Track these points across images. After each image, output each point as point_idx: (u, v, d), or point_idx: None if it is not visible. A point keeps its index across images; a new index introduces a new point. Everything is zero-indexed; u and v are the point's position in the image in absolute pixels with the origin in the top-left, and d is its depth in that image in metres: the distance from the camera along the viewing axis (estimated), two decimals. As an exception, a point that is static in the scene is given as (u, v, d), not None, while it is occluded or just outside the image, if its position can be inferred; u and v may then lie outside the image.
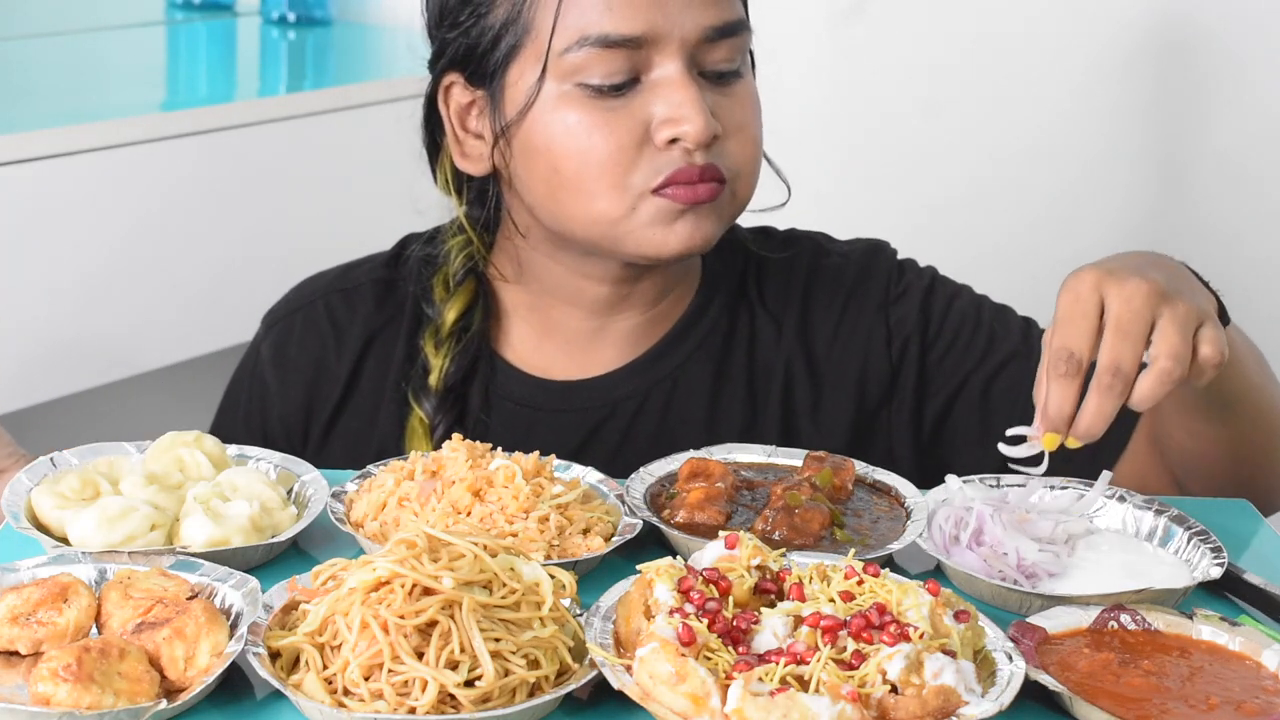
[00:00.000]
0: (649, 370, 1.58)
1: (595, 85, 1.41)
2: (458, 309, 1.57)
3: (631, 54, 1.40)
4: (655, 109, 1.41)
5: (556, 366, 1.59)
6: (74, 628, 1.06)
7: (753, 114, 1.48)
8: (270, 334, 1.64)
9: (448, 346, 1.56)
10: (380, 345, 1.60)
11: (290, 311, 1.64)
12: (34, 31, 3.06)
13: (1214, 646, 1.13)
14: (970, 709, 0.99)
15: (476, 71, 1.48)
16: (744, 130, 1.46)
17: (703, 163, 1.42)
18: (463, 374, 1.56)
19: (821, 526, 1.26)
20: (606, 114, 1.41)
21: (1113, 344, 1.20)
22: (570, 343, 1.58)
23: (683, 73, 1.41)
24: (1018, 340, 1.57)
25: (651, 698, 0.99)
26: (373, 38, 3.29)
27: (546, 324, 1.59)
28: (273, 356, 1.63)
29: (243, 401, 1.64)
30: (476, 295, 1.59)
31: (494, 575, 1.05)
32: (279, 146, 2.71)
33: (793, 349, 1.59)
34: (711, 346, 1.59)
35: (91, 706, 0.98)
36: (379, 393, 1.59)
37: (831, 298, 1.61)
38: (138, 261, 2.52)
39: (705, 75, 1.44)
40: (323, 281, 1.65)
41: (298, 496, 1.32)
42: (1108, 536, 1.30)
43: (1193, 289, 1.27)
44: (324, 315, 1.62)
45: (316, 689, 1.00)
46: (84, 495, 1.26)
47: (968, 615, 1.06)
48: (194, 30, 3.28)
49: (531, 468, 1.27)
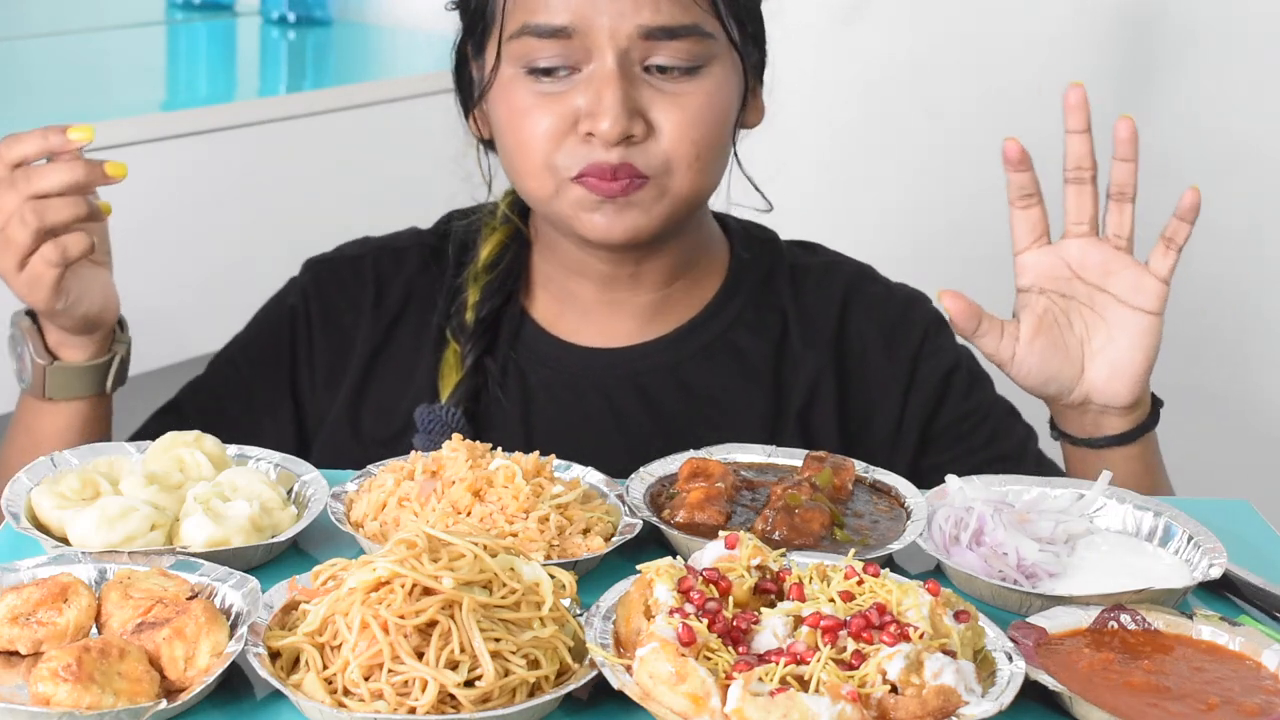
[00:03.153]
0: (672, 349, 1.62)
1: (533, 70, 1.48)
2: (493, 245, 1.65)
3: (566, 44, 1.47)
4: (581, 100, 1.47)
5: (579, 333, 1.64)
6: (74, 628, 1.06)
7: (696, 114, 1.49)
8: (313, 274, 1.70)
9: (482, 280, 1.63)
10: (419, 302, 1.66)
11: (337, 259, 1.71)
12: (34, 31, 3.06)
13: (1214, 646, 1.13)
14: (970, 709, 0.99)
15: (475, 44, 1.56)
16: (680, 129, 1.48)
17: (616, 161, 1.47)
18: (494, 312, 1.63)
19: (821, 526, 1.26)
20: (543, 99, 1.48)
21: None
22: (588, 313, 1.64)
23: (610, 69, 1.46)
24: (1014, 446, 1.65)
25: (651, 698, 0.99)
26: (373, 38, 3.28)
27: (564, 293, 1.64)
28: (316, 293, 1.68)
29: (270, 330, 1.69)
30: (512, 239, 1.65)
31: (494, 575, 1.05)
32: (279, 146, 2.70)
33: (823, 367, 1.63)
34: (737, 336, 1.63)
35: (91, 706, 0.98)
36: (417, 347, 1.64)
37: (870, 323, 1.65)
38: (137, 261, 2.51)
39: (651, 70, 1.48)
40: (372, 243, 1.72)
41: (298, 496, 1.32)
42: (1108, 536, 1.30)
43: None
44: (370, 268, 1.69)
45: (316, 689, 1.00)
46: (84, 495, 1.26)
47: (968, 615, 1.06)
48: (194, 30, 3.28)
49: (531, 468, 1.27)
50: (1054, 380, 1.50)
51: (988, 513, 1.27)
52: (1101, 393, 1.49)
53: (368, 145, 2.72)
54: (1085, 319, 1.49)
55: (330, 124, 2.74)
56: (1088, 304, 1.49)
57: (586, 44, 1.46)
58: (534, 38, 1.47)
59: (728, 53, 1.52)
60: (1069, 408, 1.52)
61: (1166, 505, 1.33)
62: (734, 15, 1.52)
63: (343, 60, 3.26)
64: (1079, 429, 1.53)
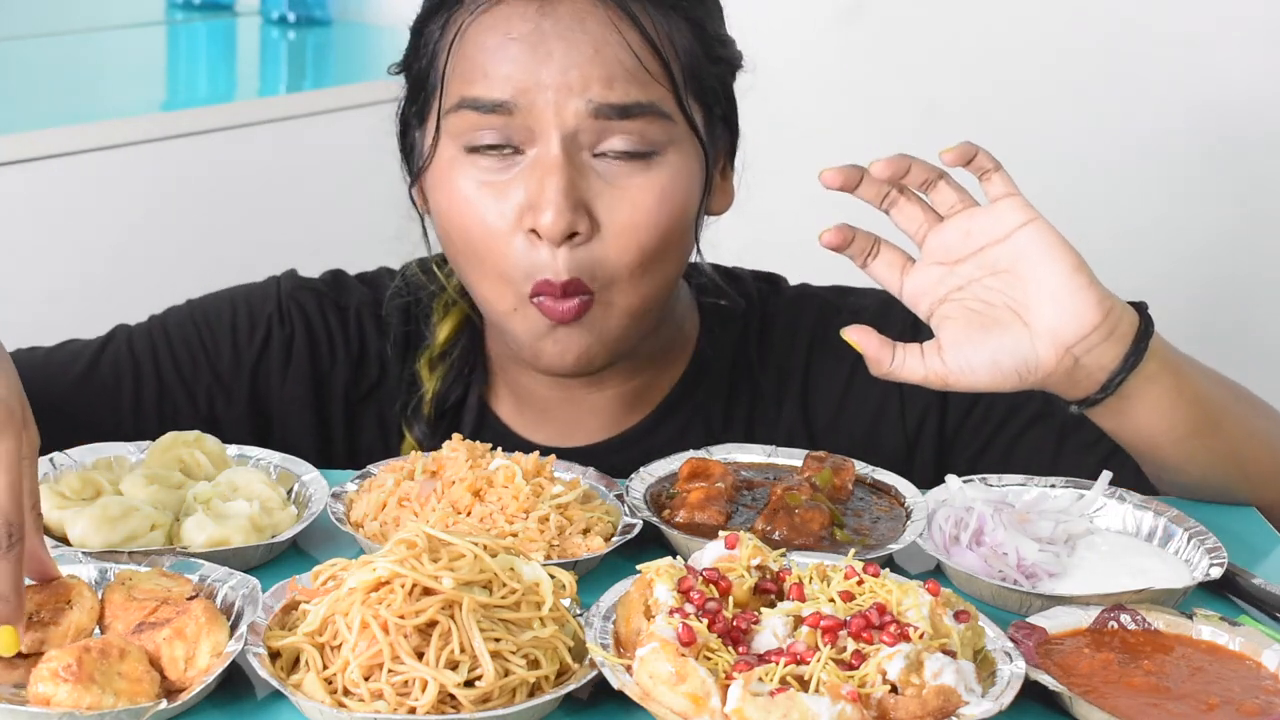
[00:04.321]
0: (639, 443, 1.51)
1: (473, 148, 1.36)
2: (447, 330, 1.54)
3: (507, 120, 1.34)
4: (523, 191, 1.35)
5: (539, 432, 1.53)
6: (75, 629, 1.06)
7: (645, 215, 1.36)
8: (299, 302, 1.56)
9: (440, 369, 1.54)
10: (391, 373, 1.56)
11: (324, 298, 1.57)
12: (34, 31, 3.06)
13: (1214, 646, 1.13)
14: (970, 709, 0.99)
15: (417, 112, 1.45)
16: (627, 232, 1.35)
17: (566, 271, 1.34)
18: (455, 402, 1.53)
19: (821, 526, 1.26)
20: (485, 189, 1.36)
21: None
22: (546, 410, 1.53)
23: (555, 156, 1.33)
24: (1040, 403, 1.50)
25: (651, 698, 0.99)
26: (373, 38, 3.28)
27: (518, 388, 1.54)
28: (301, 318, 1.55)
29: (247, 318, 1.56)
30: (467, 320, 1.54)
31: (494, 575, 1.05)
32: (279, 146, 2.70)
33: (795, 418, 1.54)
34: (708, 419, 1.54)
35: (91, 707, 0.97)
36: (381, 423, 1.56)
37: (837, 365, 1.53)
38: (138, 261, 2.52)
39: (603, 156, 1.35)
40: (355, 296, 1.59)
41: (298, 496, 1.32)
42: (1108, 536, 1.30)
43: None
44: (354, 323, 1.57)
45: (316, 689, 1.00)
46: (84, 495, 1.26)
47: (968, 615, 1.06)
48: (194, 30, 3.28)
49: (531, 468, 1.27)
50: (1005, 353, 1.28)
51: (988, 513, 1.27)
52: (1062, 329, 1.27)
53: (367, 145, 2.72)
54: (993, 285, 1.30)
55: (331, 124, 2.74)
56: (981, 272, 1.30)
57: (529, 123, 1.33)
58: (473, 112, 1.35)
59: (688, 138, 1.39)
60: (1053, 376, 1.30)
61: (1167, 505, 1.33)
62: (697, 96, 1.39)
63: (343, 60, 3.26)
64: (1087, 387, 1.30)
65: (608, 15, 1.34)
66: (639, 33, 1.34)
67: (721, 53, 1.43)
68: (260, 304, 1.57)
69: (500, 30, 1.35)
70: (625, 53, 1.34)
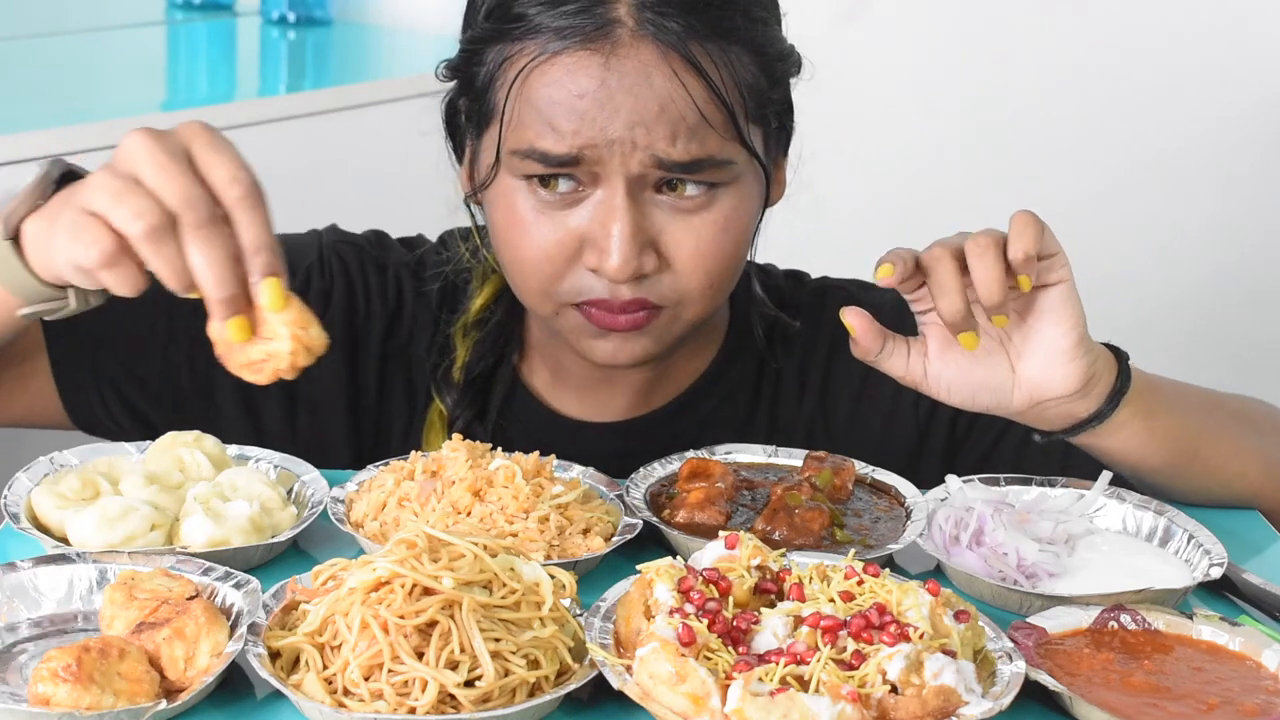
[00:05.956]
0: (667, 424, 1.55)
1: (538, 189, 1.37)
2: (483, 299, 1.56)
3: (574, 169, 1.35)
4: (588, 228, 1.37)
5: (571, 406, 1.57)
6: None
7: (711, 244, 1.38)
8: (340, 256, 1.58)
9: (472, 337, 1.56)
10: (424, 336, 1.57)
11: (365, 255, 1.59)
12: (34, 31, 3.06)
13: (1214, 646, 1.13)
14: (970, 709, 0.99)
15: (473, 110, 1.44)
16: (693, 263, 1.38)
17: (626, 298, 1.38)
18: (486, 371, 1.55)
19: (821, 526, 1.26)
20: (546, 218, 1.38)
21: (974, 239, 1.28)
22: (580, 387, 1.56)
23: (619, 203, 1.35)
24: None
25: (651, 698, 0.99)
26: (373, 38, 3.28)
27: (556, 365, 1.56)
28: (342, 273, 1.57)
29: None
30: (506, 291, 1.54)
31: (494, 575, 1.05)
32: (279, 146, 2.70)
33: (814, 411, 1.57)
34: (735, 405, 1.57)
35: (91, 707, 0.98)
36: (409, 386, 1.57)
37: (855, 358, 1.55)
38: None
39: (663, 188, 1.37)
40: (394, 256, 1.60)
41: (298, 496, 1.32)
42: (1108, 536, 1.30)
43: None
44: (393, 284, 1.58)
45: (316, 689, 1.00)
46: (84, 495, 1.26)
47: (968, 615, 1.06)
48: (194, 30, 3.28)
49: (531, 468, 1.27)
50: (984, 388, 1.32)
51: (988, 513, 1.27)
52: (1042, 387, 1.31)
53: (368, 145, 2.72)
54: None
55: (330, 124, 2.73)
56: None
57: (595, 169, 1.35)
58: (540, 163, 1.36)
59: (750, 167, 1.41)
60: (1022, 415, 1.35)
61: (1167, 505, 1.33)
62: (759, 122, 1.40)
63: (343, 60, 3.26)
64: (1052, 427, 1.36)
65: (671, 67, 1.34)
66: (704, 83, 1.34)
67: (782, 71, 1.44)
68: (300, 254, 1.57)
69: (566, 86, 1.34)
70: (689, 108, 1.34)
